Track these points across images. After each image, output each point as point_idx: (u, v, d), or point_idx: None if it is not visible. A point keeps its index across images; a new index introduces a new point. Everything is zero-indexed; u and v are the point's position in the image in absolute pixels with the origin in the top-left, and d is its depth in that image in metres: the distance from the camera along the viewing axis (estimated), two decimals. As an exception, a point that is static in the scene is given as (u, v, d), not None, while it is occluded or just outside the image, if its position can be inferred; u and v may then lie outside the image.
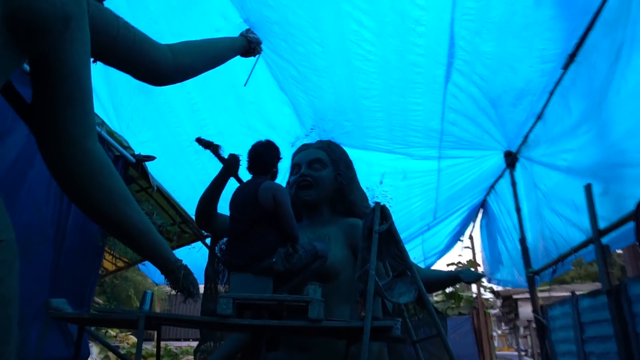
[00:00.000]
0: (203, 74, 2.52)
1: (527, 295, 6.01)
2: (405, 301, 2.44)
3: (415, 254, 6.44)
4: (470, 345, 8.33)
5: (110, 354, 9.89)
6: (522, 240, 4.61)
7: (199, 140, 2.66)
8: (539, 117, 3.87)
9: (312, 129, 4.44)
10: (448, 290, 8.50)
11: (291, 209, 2.38)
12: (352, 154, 3.29)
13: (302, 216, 2.97)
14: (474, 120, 3.96)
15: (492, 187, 5.69)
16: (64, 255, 3.31)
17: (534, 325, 5.99)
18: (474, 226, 6.98)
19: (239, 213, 2.44)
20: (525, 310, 9.54)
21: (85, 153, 1.44)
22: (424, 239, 6.39)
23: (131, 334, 11.77)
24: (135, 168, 4.12)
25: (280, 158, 2.60)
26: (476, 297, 8.17)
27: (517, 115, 3.86)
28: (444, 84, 3.42)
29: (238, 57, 3.04)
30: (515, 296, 10.20)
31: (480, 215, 6.58)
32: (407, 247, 5.94)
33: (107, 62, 1.92)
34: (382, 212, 2.60)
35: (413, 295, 2.40)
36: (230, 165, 2.60)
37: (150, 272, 6.95)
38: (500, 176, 5.31)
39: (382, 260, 2.53)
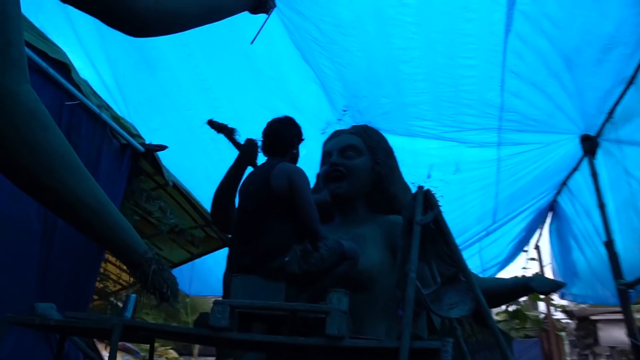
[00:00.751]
0: (209, 41, 2.08)
1: (611, 317, 4.98)
2: (457, 315, 1.98)
3: (472, 264, 5.55)
4: (539, 373, 7.36)
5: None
6: (609, 244, 3.69)
7: (211, 123, 2.37)
8: (631, 81, 3.01)
9: (344, 110, 3.80)
10: (511, 307, 7.48)
11: (311, 197, 2.02)
12: (394, 142, 2.80)
13: (333, 214, 2.59)
14: (543, 89, 3.16)
15: (563, 183, 4.78)
16: (54, 255, 2.85)
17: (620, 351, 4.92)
18: (541, 233, 6.01)
19: (247, 202, 2.12)
20: (608, 334, 8.19)
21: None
22: (482, 247, 5.52)
23: (171, 349, 11.37)
24: (145, 159, 3.63)
25: (302, 139, 2.25)
26: (545, 317, 7.12)
27: (600, 80, 3.02)
28: (504, 35, 2.68)
29: (248, 15, 2.50)
30: (593, 317, 8.86)
31: (549, 220, 5.61)
32: (463, 256, 5.10)
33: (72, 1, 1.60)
34: (426, 199, 2.17)
35: (468, 308, 1.95)
36: (247, 152, 2.25)
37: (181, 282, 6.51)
38: (575, 169, 4.39)
39: (428, 262, 2.12)
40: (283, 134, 2.21)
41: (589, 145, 3.83)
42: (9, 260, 2.47)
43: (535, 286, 2.50)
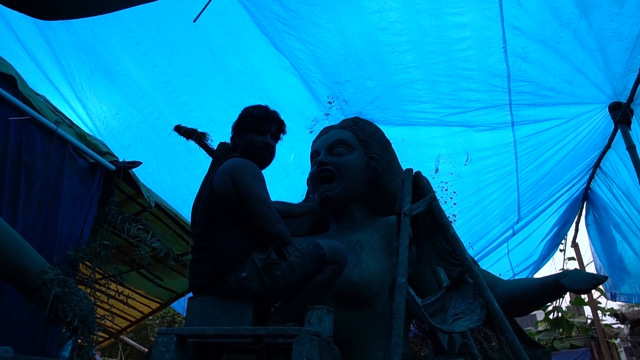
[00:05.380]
0: (163, 35, 1.83)
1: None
2: (463, 328, 1.58)
3: (500, 269, 4.94)
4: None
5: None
6: (660, 228, 3.07)
7: (178, 129, 2.19)
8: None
9: (330, 102, 3.36)
10: (552, 315, 6.71)
11: (262, 192, 1.72)
12: (391, 133, 2.55)
13: (327, 223, 2.36)
14: (555, 46, 2.64)
15: (596, 165, 4.15)
16: (9, 287, 2.46)
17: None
18: (577, 227, 5.34)
19: (196, 214, 1.91)
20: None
21: None
22: (510, 248, 4.93)
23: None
24: (120, 179, 3.25)
25: (248, 121, 1.93)
26: (592, 324, 6.35)
27: (626, 24, 2.47)
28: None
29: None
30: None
31: (584, 211, 4.96)
32: (488, 261, 4.46)
33: None
34: (417, 184, 1.88)
35: (478, 317, 1.58)
36: (220, 157, 2.02)
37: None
38: (608, 146, 3.79)
39: (426, 262, 1.85)
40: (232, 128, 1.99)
41: (621, 114, 3.25)
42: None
43: (569, 283, 1.94)
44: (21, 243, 1.44)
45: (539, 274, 5.50)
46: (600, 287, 5.13)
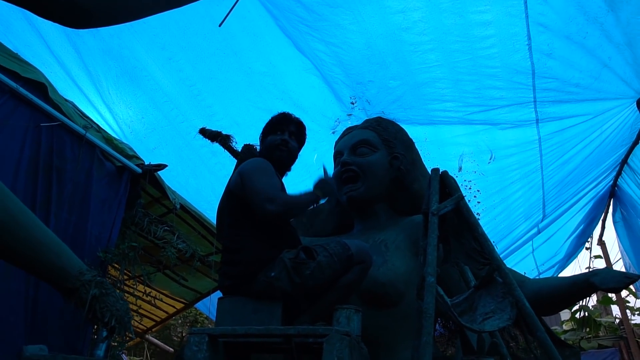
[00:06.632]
0: (188, 39, 1.85)
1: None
2: (494, 328, 1.56)
3: (525, 267, 4.87)
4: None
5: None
6: (692, 224, 3.00)
7: (203, 132, 2.26)
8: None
9: (352, 103, 3.37)
10: (578, 314, 6.59)
11: (258, 178, 1.70)
12: (414, 132, 2.52)
13: (352, 222, 2.35)
14: (581, 42, 2.61)
15: (623, 162, 4.06)
16: (43, 291, 2.55)
17: None
18: (603, 225, 5.23)
19: (220, 220, 2.00)
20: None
21: None
22: (534, 247, 4.85)
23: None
24: (146, 181, 3.32)
25: (270, 129, 1.95)
26: (621, 323, 6.22)
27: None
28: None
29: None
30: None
31: (610, 208, 4.86)
32: (513, 259, 4.41)
33: None
34: (443, 184, 1.86)
35: (508, 317, 1.56)
36: (245, 159, 2.01)
37: (213, 312, 6.15)
38: (636, 142, 3.71)
39: (454, 262, 1.84)
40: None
41: (650, 108, 3.19)
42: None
43: (599, 282, 1.92)
44: (60, 246, 1.49)
45: (564, 273, 5.42)
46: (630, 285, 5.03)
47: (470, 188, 3.89)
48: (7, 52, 2.69)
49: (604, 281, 1.91)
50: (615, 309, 6.86)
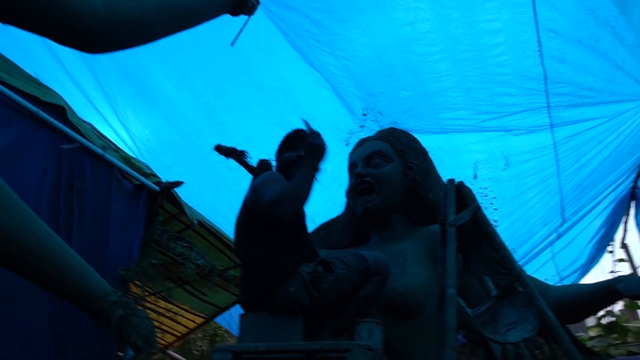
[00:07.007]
0: (200, 58, 1.88)
1: None
2: (517, 339, 1.60)
3: (545, 273, 4.79)
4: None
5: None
6: None
7: (218, 148, 2.23)
8: None
9: (364, 114, 3.39)
10: (604, 320, 6.44)
11: (265, 187, 1.71)
12: (427, 142, 2.53)
13: (368, 234, 2.36)
14: (593, 45, 2.60)
15: (643, 163, 4.00)
16: (68, 310, 2.58)
17: None
18: (626, 228, 5.12)
19: (238, 236, 1.93)
20: None
21: None
22: (555, 252, 4.77)
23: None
24: (164, 199, 3.37)
25: (286, 146, 2.00)
26: (649, 328, 6.05)
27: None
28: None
29: (236, 20, 2.23)
30: None
31: (632, 210, 4.77)
32: (533, 265, 4.35)
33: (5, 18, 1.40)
34: (459, 194, 1.89)
35: (531, 327, 1.58)
36: (259, 175, 1.98)
37: (232, 326, 6.16)
38: (655, 142, 3.65)
39: (474, 273, 1.86)
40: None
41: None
42: (14, 319, 2.19)
43: (624, 289, 1.88)
44: (85, 267, 1.53)
45: (587, 278, 5.30)
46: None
47: (486, 195, 3.86)
48: (28, 78, 2.77)
49: (628, 288, 1.88)
50: (642, 314, 6.69)
